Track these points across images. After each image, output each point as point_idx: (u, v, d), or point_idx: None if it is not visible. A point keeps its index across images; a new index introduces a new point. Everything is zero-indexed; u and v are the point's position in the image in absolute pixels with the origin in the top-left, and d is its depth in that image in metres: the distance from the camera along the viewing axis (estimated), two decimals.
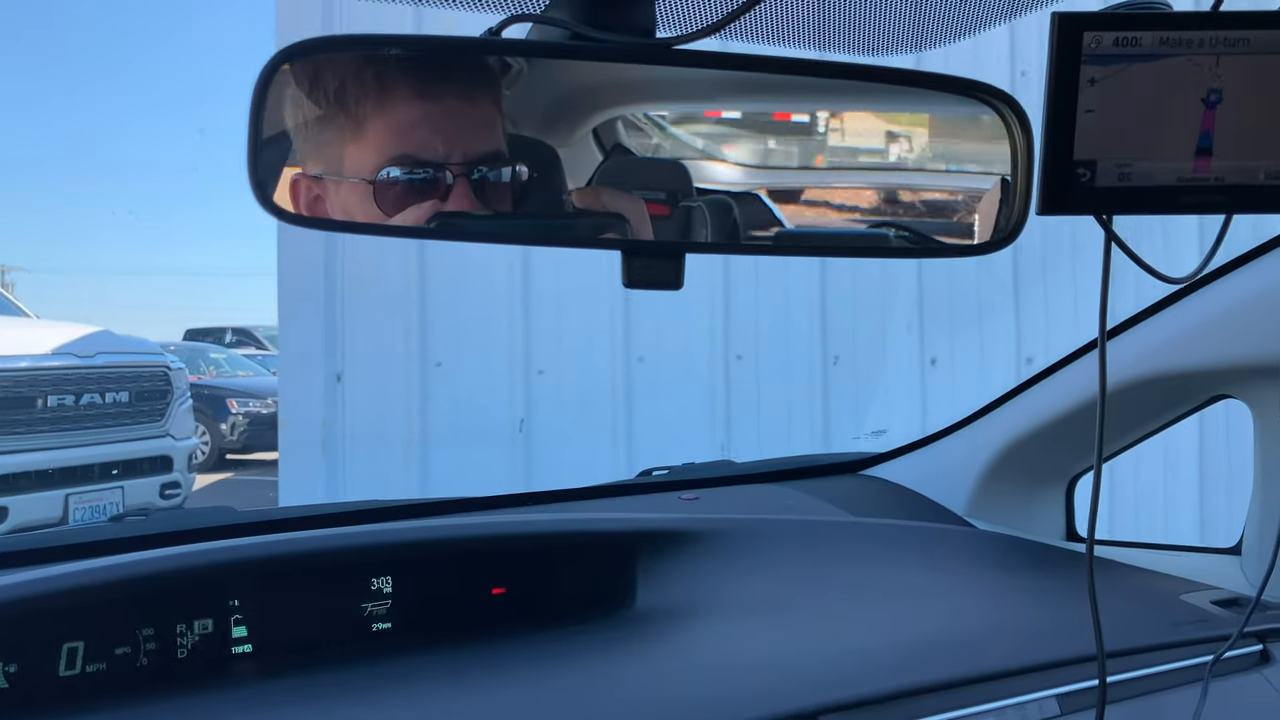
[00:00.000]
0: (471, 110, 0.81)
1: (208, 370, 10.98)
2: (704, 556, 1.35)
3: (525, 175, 0.85)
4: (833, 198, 1.02)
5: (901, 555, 1.49)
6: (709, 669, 1.09)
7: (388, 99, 0.78)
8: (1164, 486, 3.56)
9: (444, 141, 0.79)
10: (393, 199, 0.78)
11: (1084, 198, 0.76)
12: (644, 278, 0.69)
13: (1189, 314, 1.39)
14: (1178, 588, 1.42)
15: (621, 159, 1.07)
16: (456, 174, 0.78)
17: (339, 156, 0.79)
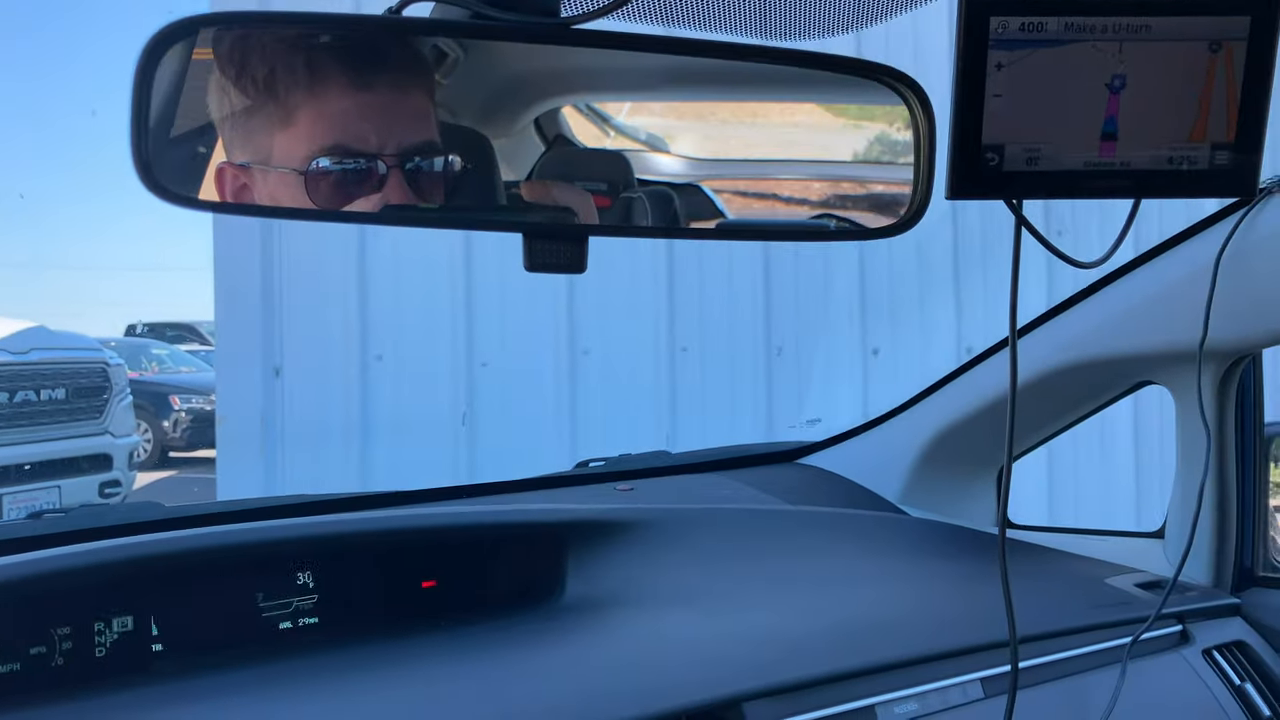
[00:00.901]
0: (405, 100, 0.80)
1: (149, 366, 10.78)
2: (635, 546, 1.34)
3: (458, 165, 0.84)
4: (763, 188, 1.02)
5: (834, 543, 1.50)
6: (635, 658, 1.09)
7: (320, 87, 0.76)
8: (1101, 472, 3.62)
9: (377, 132, 0.78)
10: (325, 189, 0.77)
11: (992, 182, 0.77)
12: (546, 261, 0.69)
13: (1112, 302, 1.41)
14: (1103, 571, 1.44)
15: (563, 150, 1.06)
16: (390, 165, 0.77)
17: (267, 145, 0.77)
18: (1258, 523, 1.41)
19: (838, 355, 3.70)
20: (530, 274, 2.56)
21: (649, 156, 1.06)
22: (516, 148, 1.12)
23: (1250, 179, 0.78)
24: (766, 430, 3.59)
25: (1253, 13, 0.75)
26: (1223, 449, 1.37)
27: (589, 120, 1.18)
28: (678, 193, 1.03)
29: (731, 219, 0.92)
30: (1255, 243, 1.22)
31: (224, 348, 3.39)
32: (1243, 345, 1.28)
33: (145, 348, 11.44)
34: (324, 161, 0.76)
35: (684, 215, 1.01)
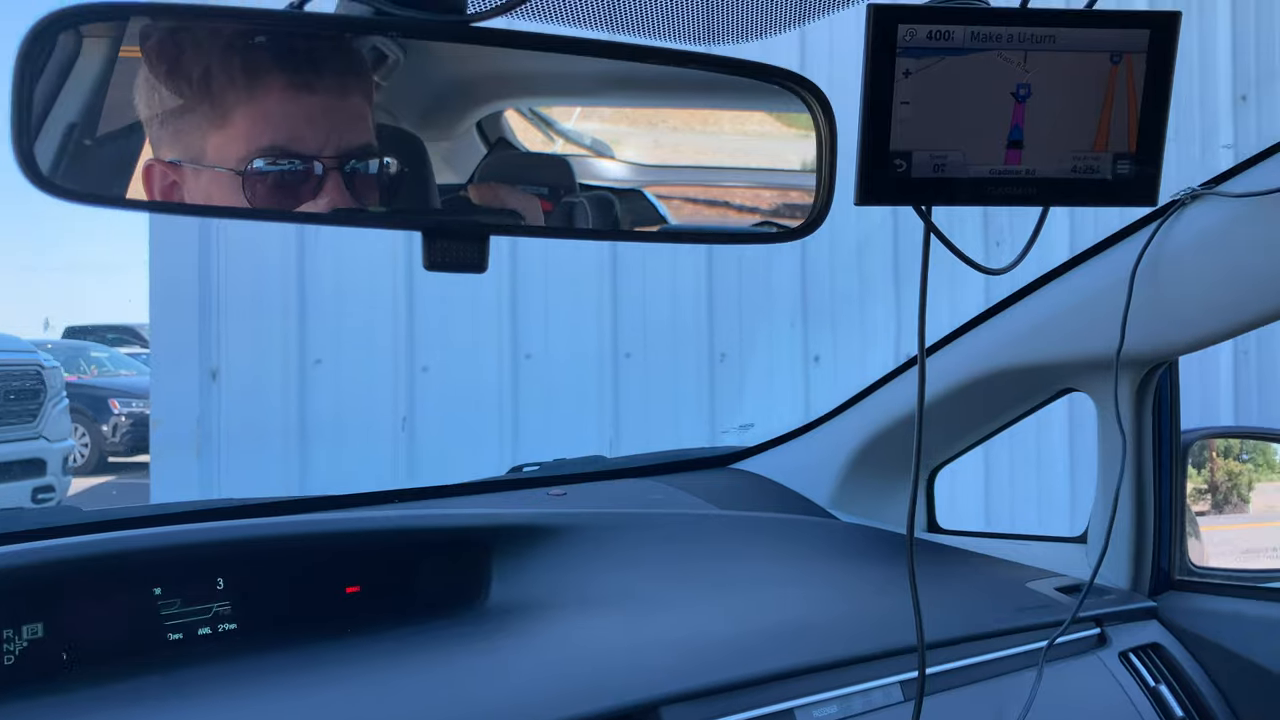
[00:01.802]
0: (345, 102, 0.79)
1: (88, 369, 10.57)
2: (563, 551, 1.34)
3: (396, 168, 0.84)
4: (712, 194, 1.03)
5: (763, 547, 1.51)
6: (555, 663, 1.08)
7: (258, 87, 0.75)
8: (1037, 478, 3.67)
9: (316, 134, 0.77)
10: (262, 190, 0.76)
11: (901, 189, 0.78)
12: (445, 260, 0.68)
13: (1036, 310, 1.43)
14: (1025, 575, 1.46)
15: (505, 153, 1.06)
16: (329, 167, 0.77)
17: (201, 143, 0.76)
18: (1175, 527, 1.44)
19: (779, 362, 3.72)
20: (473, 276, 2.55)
21: (594, 162, 1.06)
22: (458, 151, 1.12)
23: (1151, 189, 0.79)
24: (709, 436, 3.61)
25: (1151, 27, 0.77)
26: (1140, 455, 1.39)
27: (532, 124, 1.18)
28: (619, 197, 1.03)
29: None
30: (1169, 253, 1.25)
31: (159, 350, 3.34)
32: (1158, 354, 1.31)
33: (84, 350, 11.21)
34: (261, 162, 0.75)
35: (626, 220, 1.02)
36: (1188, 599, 1.42)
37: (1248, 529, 1.87)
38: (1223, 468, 1.89)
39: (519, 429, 3.50)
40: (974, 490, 3.67)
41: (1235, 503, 1.87)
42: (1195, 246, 1.23)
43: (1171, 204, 1.25)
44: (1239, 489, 1.88)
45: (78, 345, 11.71)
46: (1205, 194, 1.22)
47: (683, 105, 1.03)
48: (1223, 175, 1.22)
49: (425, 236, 0.67)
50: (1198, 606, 1.40)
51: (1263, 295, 1.18)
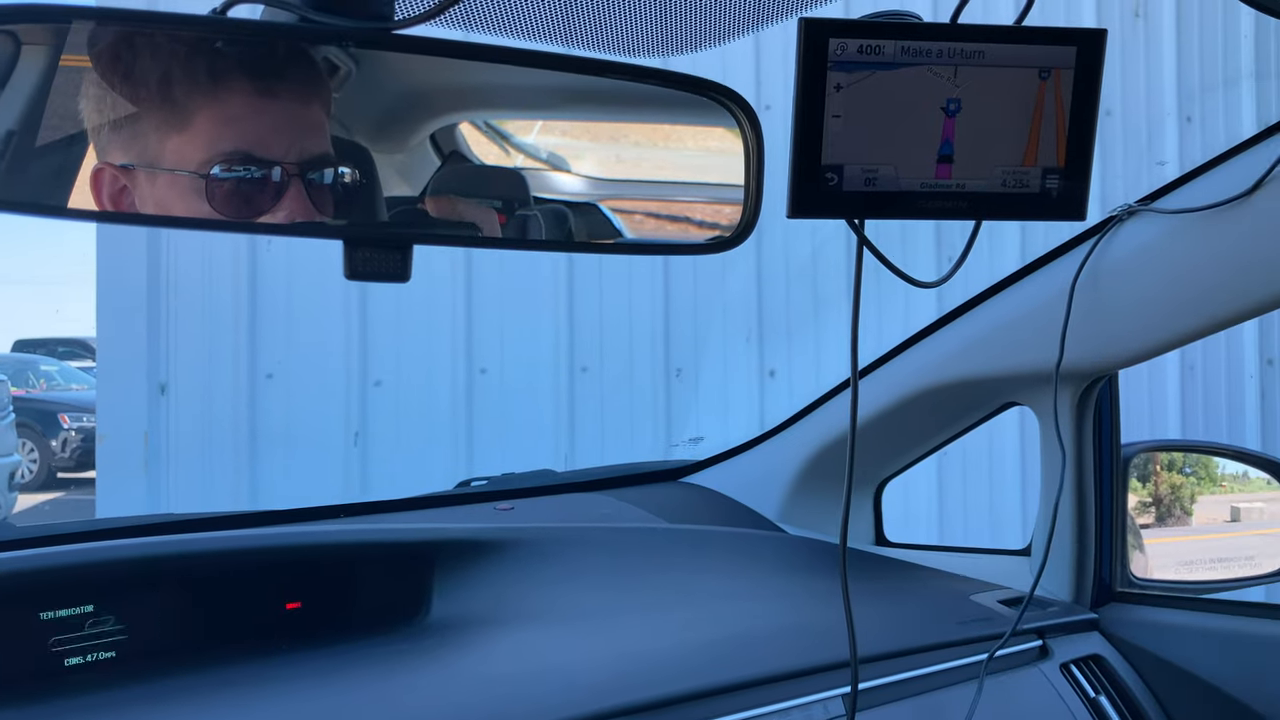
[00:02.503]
0: (307, 110, 0.79)
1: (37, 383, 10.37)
2: (508, 566, 1.33)
3: (354, 178, 0.83)
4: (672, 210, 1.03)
5: (711, 560, 1.51)
6: (494, 679, 1.07)
7: (222, 91, 0.75)
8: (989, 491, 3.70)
9: (280, 140, 0.76)
10: (222, 195, 0.76)
11: (832, 202, 0.78)
12: (367, 269, 0.67)
13: (979, 324, 1.45)
14: (969, 588, 1.47)
15: (458, 166, 1.07)
16: (291, 174, 0.76)
17: (158, 148, 0.75)
18: (1116, 539, 1.46)
19: (735, 376, 3.73)
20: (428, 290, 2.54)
21: (551, 175, 1.07)
22: (412, 163, 1.12)
23: (1079, 203, 0.80)
24: (665, 451, 3.60)
25: (1079, 43, 0.78)
26: (1081, 468, 1.41)
27: (487, 138, 1.18)
28: (574, 211, 1.04)
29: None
30: (1107, 268, 1.26)
31: (106, 363, 3.28)
32: (1097, 367, 1.32)
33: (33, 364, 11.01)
34: (222, 167, 0.75)
35: (580, 233, 1.02)
36: (1128, 611, 1.43)
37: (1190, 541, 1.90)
38: (1166, 481, 1.92)
39: (473, 444, 3.48)
40: (928, 504, 3.70)
41: (1178, 515, 1.89)
42: (1132, 262, 1.24)
43: (1110, 219, 1.27)
44: (1182, 502, 1.91)
45: (26, 359, 11.50)
46: (1141, 210, 1.24)
47: (624, 119, 1.04)
48: (1158, 192, 1.24)
49: (346, 245, 0.67)
50: (1138, 618, 1.41)
51: (1197, 310, 1.20)
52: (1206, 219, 1.16)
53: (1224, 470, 2.01)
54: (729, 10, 0.77)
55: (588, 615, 1.25)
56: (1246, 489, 1.98)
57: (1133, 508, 1.81)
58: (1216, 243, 1.16)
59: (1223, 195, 1.15)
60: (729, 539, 1.59)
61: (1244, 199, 1.13)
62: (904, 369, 1.53)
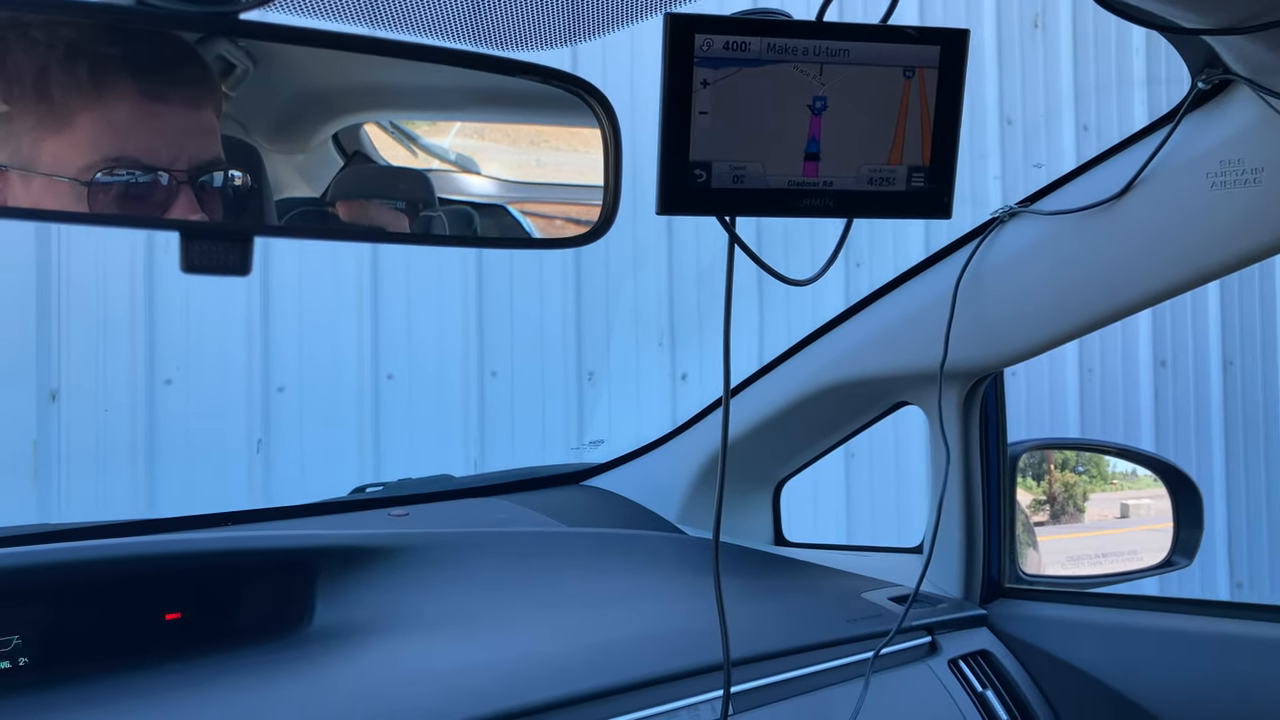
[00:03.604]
0: (197, 113, 0.76)
1: None
2: (395, 572, 1.30)
3: (246, 181, 0.81)
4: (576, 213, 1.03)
5: (607, 563, 1.50)
6: (374, 686, 1.04)
7: (105, 92, 0.71)
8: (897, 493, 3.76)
9: (168, 146, 0.73)
10: (104, 202, 0.72)
11: (701, 199, 0.78)
12: (205, 262, 0.65)
13: (870, 324, 1.46)
14: (862, 586, 1.48)
15: (361, 167, 1.05)
16: (180, 180, 0.73)
17: (33, 149, 0.71)
18: (1004, 536, 1.49)
19: (648, 380, 3.73)
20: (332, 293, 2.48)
21: (459, 177, 1.06)
22: (313, 164, 1.09)
23: (944, 202, 0.81)
24: (577, 456, 3.59)
25: (942, 43, 0.78)
26: (968, 466, 1.43)
27: (393, 138, 1.16)
28: (481, 212, 1.03)
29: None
30: (989, 269, 1.28)
31: None
32: (981, 367, 1.34)
33: None
34: (101, 175, 0.71)
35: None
36: (1016, 606, 1.46)
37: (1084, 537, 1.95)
38: (1059, 480, 1.96)
39: (380, 451, 3.42)
40: (835, 504, 3.74)
41: (1071, 513, 1.94)
42: (1012, 262, 1.27)
43: (991, 221, 1.30)
44: (1075, 500, 1.96)
45: None
46: (1021, 212, 1.26)
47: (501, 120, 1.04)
48: (1038, 194, 1.27)
49: (183, 237, 0.64)
50: (1025, 613, 1.44)
51: (1073, 309, 1.22)
52: (1082, 220, 1.19)
53: (1115, 469, 2.06)
54: (597, 5, 0.76)
55: (476, 620, 1.23)
56: (1135, 486, 2.03)
57: (1027, 505, 1.85)
58: (1091, 243, 1.19)
59: (1097, 197, 1.18)
60: (627, 541, 1.58)
61: (1116, 200, 1.16)
62: (798, 369, 1.55)
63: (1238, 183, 1.06)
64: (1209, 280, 1.14)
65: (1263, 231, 1.07)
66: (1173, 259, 1.13)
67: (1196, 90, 1.08)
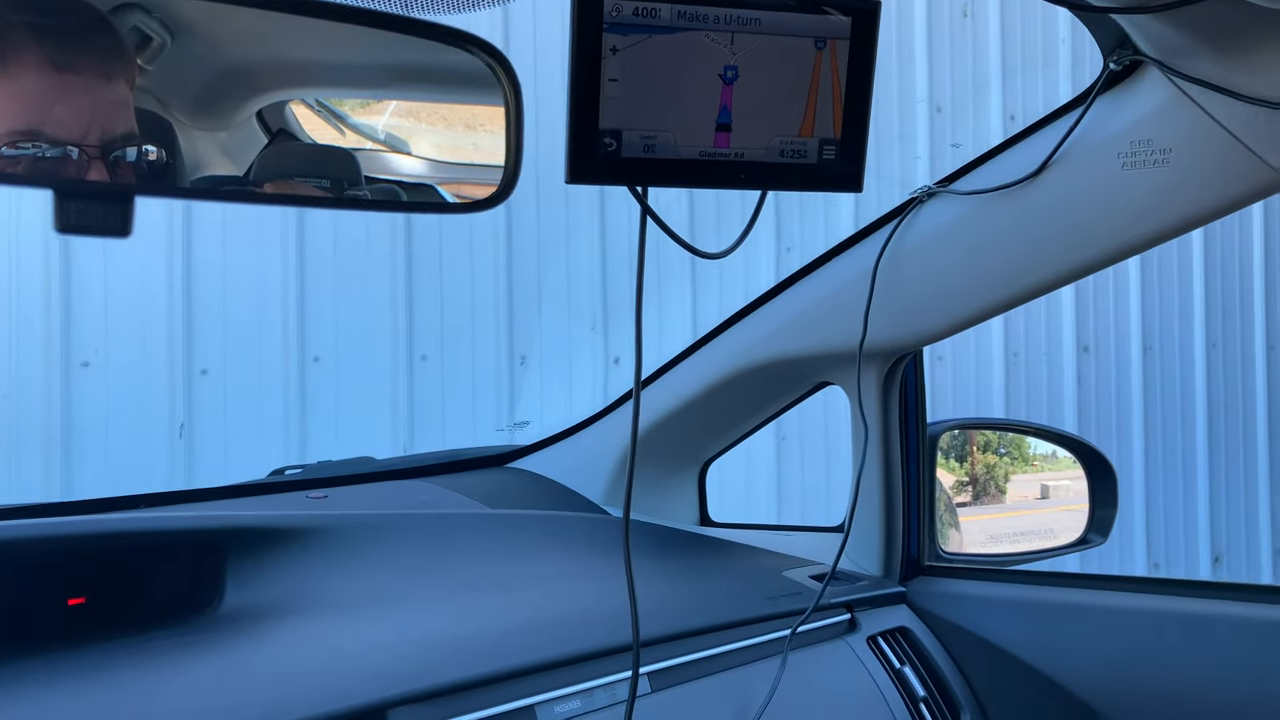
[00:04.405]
0: (110, 85, 0.74)
1: None
2: (310, 554, 1.28)
3: (161, 157, 0.79)
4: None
5: (529, 544, 1.48)
6: (283, 669, 1.02)
7: (13, 63, 0.68)
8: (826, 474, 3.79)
9: (79, 119, 0.71)
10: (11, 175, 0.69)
11: (611, 168, 0.76)
12: (81, 222, 0.62)
13: (792, 303, 1.46)
14: (784, 564, 1.49)
15: (286, 145, 1.02)
16: (92, 155, 0.70)
17: None
18: (923, 515, 1.50)
19: (581, 364, 3.72)
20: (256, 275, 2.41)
21: (389, 157, 1.04)
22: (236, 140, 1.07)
23: (856, 175, 0.81)
24: (509, 439, 3.56)
25: (854, 14, 0.78)
26: (888, 445, 1.44)
27: (320, 117, 1.14)
28: (407, 191, 1.01)
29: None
30: (907, 249, 1.29)
31: None
32: (899, 346, 1.35)
33: None
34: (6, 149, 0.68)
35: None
36: (935, 583, 1.47)
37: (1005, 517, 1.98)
38: (982, 461, 1.99)
39: (307, 436, 3.37)
40: (767, 487, 3.77)
41: (993, 494, 1.97)
42: (930, 242, 1.28)
43: (910, 201, 1.30)
44: (996, 481, 1.99)
45: None
46: (940, 192, 1.27)
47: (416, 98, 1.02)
48: (956, 173, 1.28)
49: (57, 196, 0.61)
50: (943, 590, 1.46)
51: (989, 288, 1.24)
52: (997, 200, 1.20)
53: (1035, 451, 2.10)
54: None
55: (390, 602, 1.21)
56: (1056, 468, 2.07)
57: (950, 486, 1.87)
58: (1006, 222, 1.20)
59: (1013, 177, 1.19)
60: (550, 522, 1.57)
61: (1031, 180, 1.17)
62: (722, 350, 1.54)
63: (1147, 163, 1.07)
64: (1120, 259, 1.15)
65: (1171, 211, 1.08)
66: (1085, 238, 1.15)
67: (1108, 72, 1.09)
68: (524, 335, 3.65)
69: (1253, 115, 1.00)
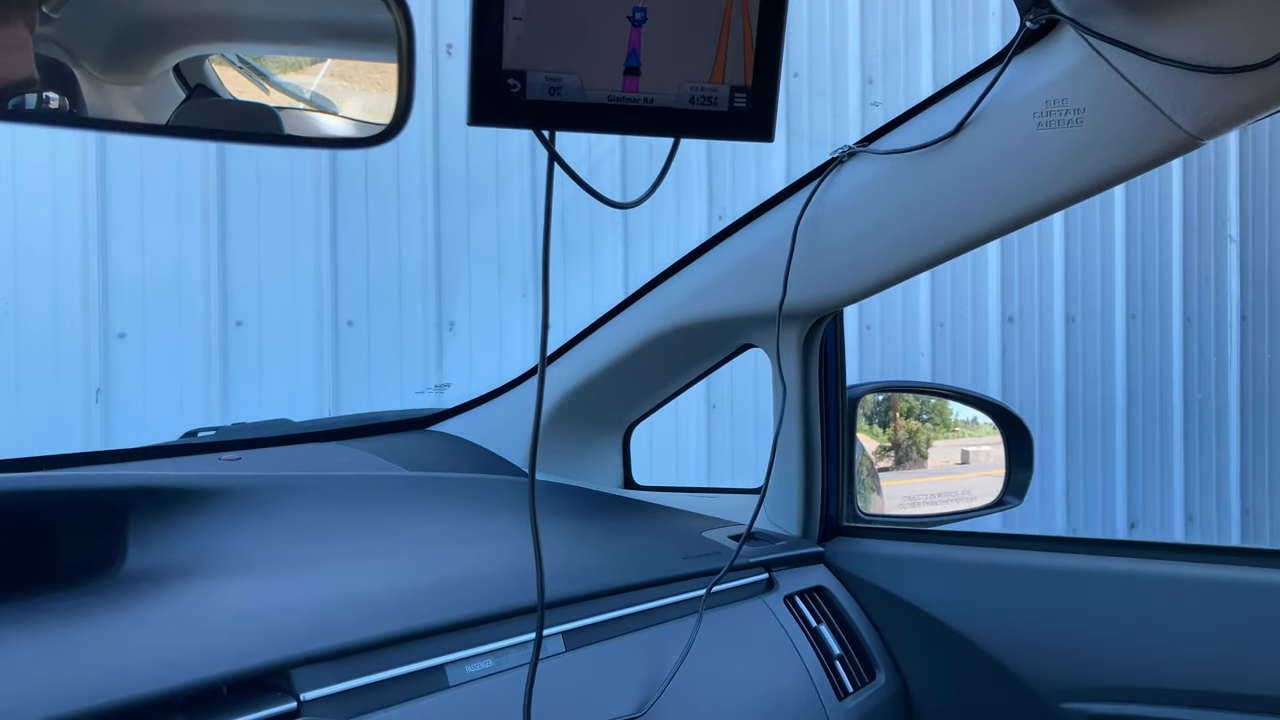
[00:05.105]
0: (6, 28, 0.69)
1: None
2: (217, 515, 1.24)
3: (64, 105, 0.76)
4: None
5: (448, 507, 1.46)
6: (184, 629, 0.99)
7: None
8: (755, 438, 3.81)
9: None
10: None
11: (515, 110, 0.74)
12: None
13: (714, 265, 1.45)
14: (704, 525, 1.49)
15: (204, 100, 0.99)
16: None
17: None
18: (842, 476, 1.51)
19: (511, 329, 3.69)
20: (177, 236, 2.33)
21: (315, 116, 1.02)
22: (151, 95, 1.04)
23: (767, 123, 0.80)
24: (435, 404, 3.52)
25: None
26: (807, 407, 1.45)
27: (243, 74, 1.11)
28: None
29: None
30: (827, 209, 1.29)
31: None
32: (819, 307, 1.35)
33: None
34: None
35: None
36: (853, 544, 1.49)
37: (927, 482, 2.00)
38: (904, 427, 2.01)
39: (229, 401, 3.30)
40: (698, 454, 3.78)
41: (915, 459, 1.99)
42: (849, 202, 1.27)
43: (830, 161, 1.30)
44: (918, 446, 2.01)
45: None
46: (860, 152, 1.27)
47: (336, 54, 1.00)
48: (877, 133, 1.27)
49: None
50: (861, 550, 1.47)
51: (907, 248, 1.24)
52: (916, 159, 1.20)
53: (957, 416, 2.13)
54: None
55: (299, 564, 1.18)
56: (976, 434, 2.10)
57: (873, 452, 1.89)
58: (924, 182, 1.20)
59: (932, 136, 1.19)
60: (469, 485, 1.55)
61: (948, 140, 1.17)
62: (644, 312, 1.53)
63: (1062, 123, 1.08)
64: (1036, 219, 1.16)
65: (1084, 171, 1.09)
66: (1000, 198, 1.15)
67: (1025, 30, 1.09)
68: (453, 301, 3.61)
69: (1163, 76, 1.01)
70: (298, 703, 0.90)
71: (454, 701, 1.00)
